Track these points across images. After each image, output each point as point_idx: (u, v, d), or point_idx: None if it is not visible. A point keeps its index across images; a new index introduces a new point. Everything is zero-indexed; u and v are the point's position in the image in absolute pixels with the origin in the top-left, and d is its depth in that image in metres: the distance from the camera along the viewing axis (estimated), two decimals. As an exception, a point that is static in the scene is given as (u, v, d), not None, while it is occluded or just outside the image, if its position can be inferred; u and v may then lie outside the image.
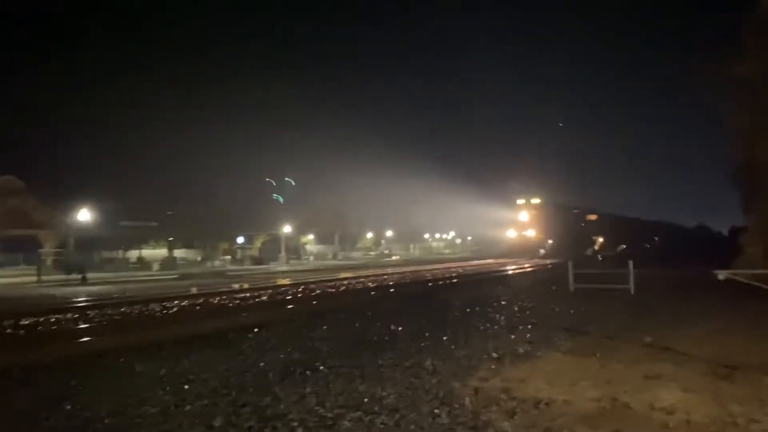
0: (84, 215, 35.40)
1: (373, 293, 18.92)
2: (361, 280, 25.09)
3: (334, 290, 19.98)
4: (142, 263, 47.44)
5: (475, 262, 48.18)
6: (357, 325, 11.12)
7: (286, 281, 25.39)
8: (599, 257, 53.21)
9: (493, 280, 24.53)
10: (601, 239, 68.26)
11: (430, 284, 22.42)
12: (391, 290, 19.83)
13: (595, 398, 5.95)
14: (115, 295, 19.59)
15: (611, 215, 76.71)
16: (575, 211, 64.69)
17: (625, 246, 77.33)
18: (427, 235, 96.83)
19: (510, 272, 31.49)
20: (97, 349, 8.85)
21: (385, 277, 27.21)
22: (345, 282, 23.83)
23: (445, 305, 14.31)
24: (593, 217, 69.87)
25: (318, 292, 19.35)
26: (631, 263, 16.97)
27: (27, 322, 12.60)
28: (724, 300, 14.63)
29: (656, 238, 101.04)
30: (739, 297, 15.27)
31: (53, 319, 13.03)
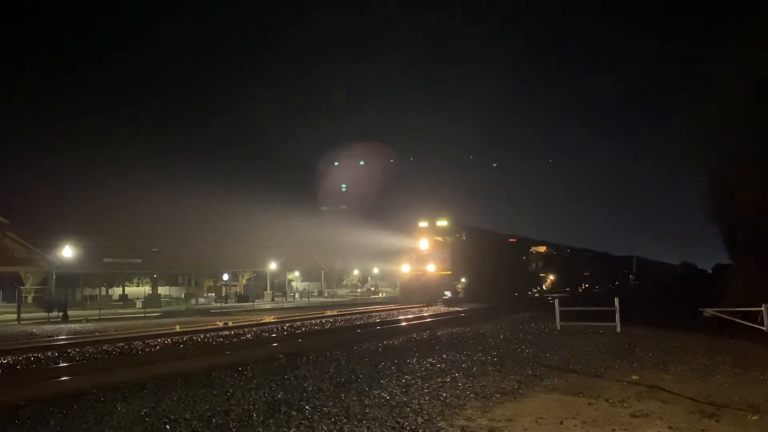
0: (66, 252, 34.94)
1: (359, 330, 18.76)
2: (347, 317, 24.89)
3: (319, 328, 19.79)
4: (125, 300, 46.70)
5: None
6: (342, 363, 11.00)
7: (271, 319, 25.12)
8: (550, 299, 41.85)
9: (478, 316, 24.44)
10: (551, 276, 55.09)
11: (415, 321, 22.28)
12: (377, 327, 19.67)
13: (583, 437, 5.91)
14: (97, 333, 19.25)
15: (570, 248, 65.11)
16: (511, 240, 46.22)
17: (587, 285, 65.77)
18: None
19: (493, 310, 31.47)
20: (77, 388, 8.66)
21: (371, 314, 27.00)
22: (330, 319, 23.62)
23: (431, 342, 14.21)
24: (541, 249, 54.72)
25: (303, 329, 19.15)
26: (617, 301, 17.01)
27: (5, 361, 12.32)
28: (709, 337, 14.72)
29: (631, 276, 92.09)
30: (724, 334, 15.38)
31: (32, 358, 12.75)
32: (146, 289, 53.19)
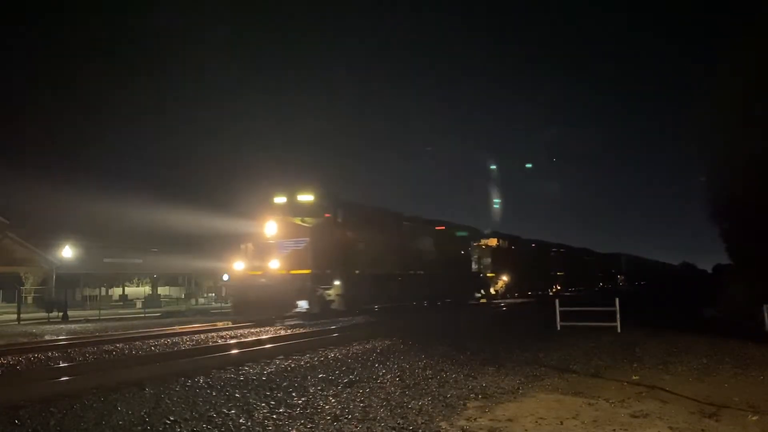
0: (66, 252, 34.96)
1: (361, 329, 18.72)
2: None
3: (319, 328, 19.75)
4: (125, 301, 46.74)
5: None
6: (339, 363, 10.99)
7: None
8: (502, 305, 34.36)
9: (477, 312, 24.46)
10: (505, 277, 43.47)
11: (412, 321, 22.21)
12: (378, 326, 19.64)
13: (583, 437, 5.91)
14: (97, 333, 19.24)
15: (536, 242, 54.91)
16: (438, 228, 32.61)
17: (559, 287, 56.51)
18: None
19: (485, 303, 31.38)
20: (77, 388, 8.65)
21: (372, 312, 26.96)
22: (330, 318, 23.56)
23: (429, 342, 14.20)
24: (492, 242, 43.01)
25: (303, 330, 19.13)
26: (617, 301, 17.01)
27: (4, 361, 12.31)
28: (710, 337, 14.73)
29: (619, 276, 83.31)
30: (724, 334, 15.40)
31: (32, 358, 12.74)
32: (146, 290, 53.24)
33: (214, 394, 8.28)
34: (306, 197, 23.31)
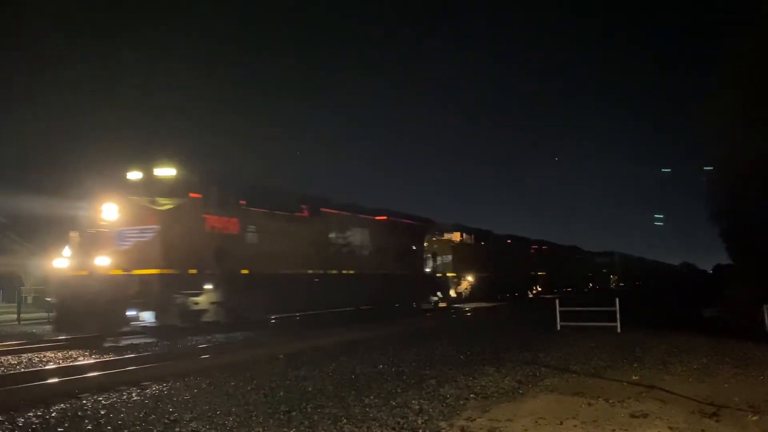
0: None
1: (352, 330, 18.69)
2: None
3: (320, 327, 19.69)
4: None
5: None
6: (333, 366, 10.93)
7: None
8: (467, 309, 29.86)
9: (475, 313, 24.42)
10: (470, 277, 37.06)
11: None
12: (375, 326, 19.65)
13: (583, 437, 5.91)
14: (97, 333, 19.20)
15: (512, 237, 47.49)
16: (378, 218, 25.64)
17: (540, 289, 50.96)
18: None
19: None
20: (78, 388, 8.66)
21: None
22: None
23: (426, 340, 14.20)
24: (455, 237, 36.78)
25: (303, 329, 19.11)
26: (617, 301, 17.00)
27: (5, 361, 12.31)
28: (710, 337, 14.73)
29: (613, 276, 77.77)
30: (724, 334, 15.40)
31: (32, 358, 12.74)
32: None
33: None
34: (165, 171, 17.13)
